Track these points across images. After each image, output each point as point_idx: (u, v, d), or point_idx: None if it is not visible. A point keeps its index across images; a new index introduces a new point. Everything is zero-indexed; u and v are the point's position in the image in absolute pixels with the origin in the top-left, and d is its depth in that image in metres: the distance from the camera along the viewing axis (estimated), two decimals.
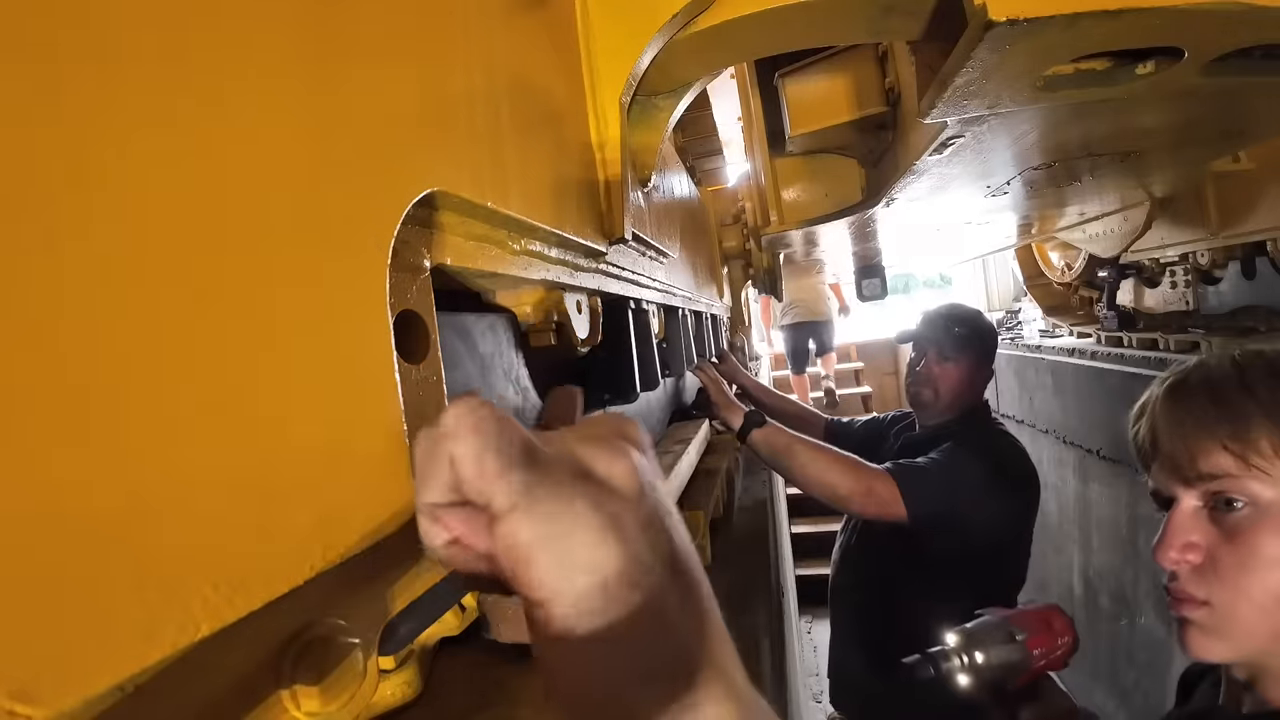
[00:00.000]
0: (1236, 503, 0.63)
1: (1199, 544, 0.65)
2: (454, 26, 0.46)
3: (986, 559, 1.57)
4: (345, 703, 0.30)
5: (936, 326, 1.82)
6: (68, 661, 0.19)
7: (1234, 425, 0.64)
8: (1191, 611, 0.65)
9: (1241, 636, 0.63)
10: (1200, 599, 0.64)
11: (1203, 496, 0.66)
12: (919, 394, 1.84)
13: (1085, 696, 4.53)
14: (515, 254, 0.57)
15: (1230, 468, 0.63)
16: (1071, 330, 4.82)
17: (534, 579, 0.23)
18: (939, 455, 1.56)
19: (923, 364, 1.82)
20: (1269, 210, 2.69)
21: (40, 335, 0.20)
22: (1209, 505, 0.65)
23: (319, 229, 0.31)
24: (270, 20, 0.29)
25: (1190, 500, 0.66)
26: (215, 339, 0.25)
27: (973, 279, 7.33)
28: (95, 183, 0.21)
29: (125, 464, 0.22)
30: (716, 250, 2.73)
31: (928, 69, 0.94)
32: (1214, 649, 0.65)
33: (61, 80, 0.21)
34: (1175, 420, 0.68)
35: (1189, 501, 0.66)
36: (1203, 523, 0.65)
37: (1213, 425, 0.65)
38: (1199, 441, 0.65)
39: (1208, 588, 0.64)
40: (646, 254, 1.06)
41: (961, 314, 1.88)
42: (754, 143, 1.94)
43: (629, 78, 0.75)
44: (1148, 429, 0.73)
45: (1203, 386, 0.68)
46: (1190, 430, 0.66)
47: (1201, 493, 0.66)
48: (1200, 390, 0.68)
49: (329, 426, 0.31)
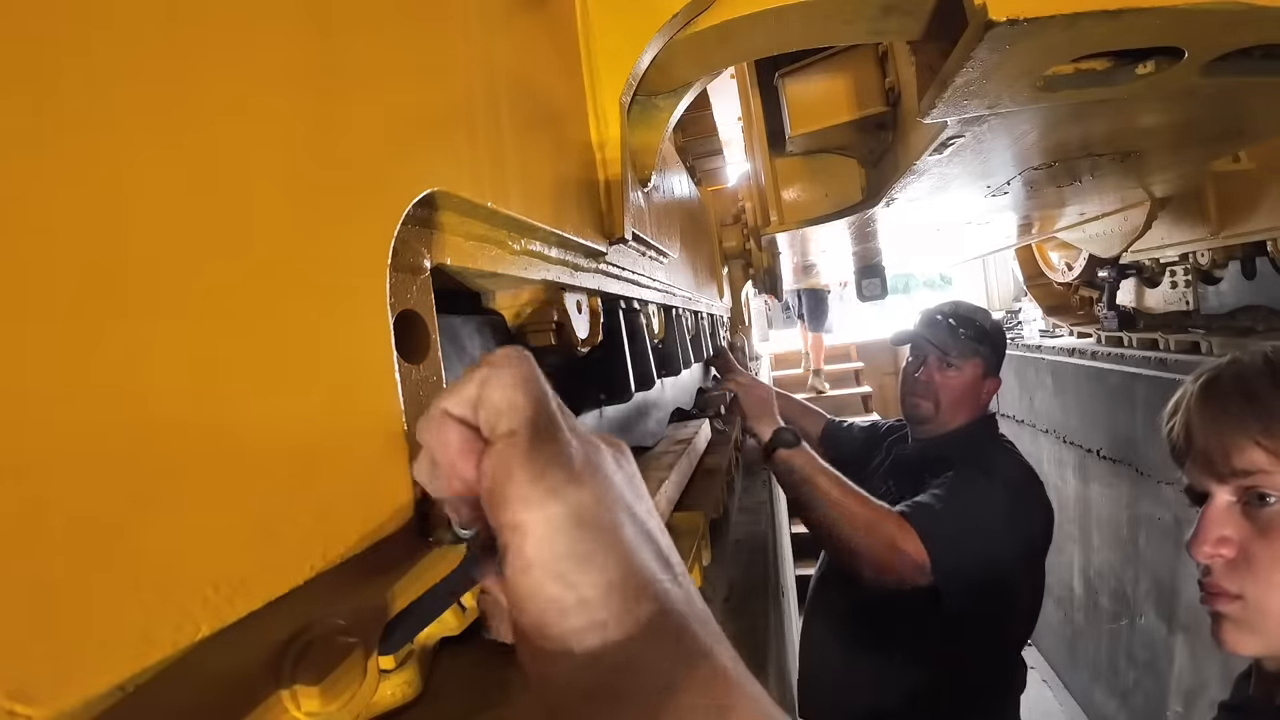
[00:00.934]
0: (1270, 498, 0.64)
1: (1232, 539, 0.66)
2: (454, 27, 0.46)
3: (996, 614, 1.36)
4: (345, 703, 0.30)
5: (939, 328, 1.56)
6: (67, 661, 0.19)
7: (1267, 422, 0.65)
8: (1225, 606, 0.66)
9: (1274, 630, 0.64)
10: (1234, 593, 0.65)
11: (1236, 492, 0.67)
12: (917, 406, 1.57)
13: (1085, 696, 4.54)
14: (515, 254, 0.57)
15: (1264, 464, 0.64)
16: (1072, 330, 4.82)
17: (512, 498, 0.25)
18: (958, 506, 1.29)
19: (922, 371, 1.57)
20: (1269, 210, 2.69)
21: (40, 335, 0.20)
22: (1242, 501, 0.66)
23: (319, 229, 0.31)
24: (270, 21, 0.30)
25: (1224, 496, 0.67)
26: (214, 339, 0.25)
27: (973, 279, 7.33)
28: (95, 184, 0.21)
29: (125, 464, 0.22)
30: (716, 250, 2.73)
31: (928, 69, 0.94)
32: (1247, 643, 0.66)
33: (62, 81, 0.21)
34: (1209, 417, 0.69)
35: (1223, 497, 0.67)
36: (1236, 518, 0.66)
37: (1246, 422, 0.66)
38: (1232, 438, 0.66)
39: (1241, 582, 0.65)
40: (646, 254, 1.06)
41: (967, 313, 1.59)
42: (754, 143, 1.94)
43: (629, 78, 0.75)
44: (1182, 426, 0.73)
45: (1236, 384, 0.69)
46: (1224, 427, 0.67)
47: (1235, 488, 0.67)
48: (1234, 387, 0.69)
49: (329, 426, 0.31)
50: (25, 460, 0.19)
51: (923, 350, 1.58)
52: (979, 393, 1.54)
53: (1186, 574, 3.29)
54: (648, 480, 1.02)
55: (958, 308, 1.62)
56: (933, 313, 1.63)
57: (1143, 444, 3.63)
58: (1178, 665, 3.40)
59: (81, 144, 0.21)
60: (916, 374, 1.58)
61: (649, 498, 0.30)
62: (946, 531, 1.25)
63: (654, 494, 0.95)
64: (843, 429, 2.04)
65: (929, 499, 1.33)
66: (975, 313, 1.61)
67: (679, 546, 1.06)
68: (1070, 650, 4.79)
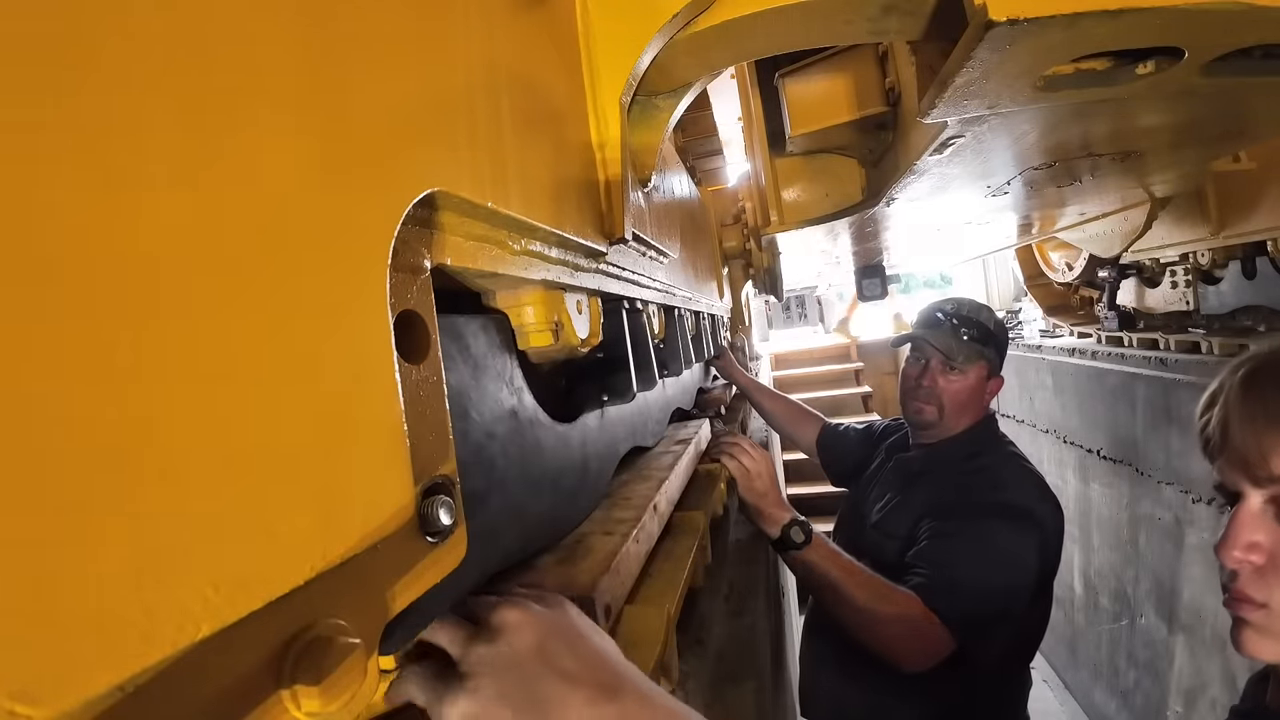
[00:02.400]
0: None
1: (1263, 545, 0.62)
2: (454, 26, 0.46)
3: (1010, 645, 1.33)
4: (346, 703, 0.30)
5: (942, 329, 1.48)
6: (68, 662, 0.19)
7: None
8: (1249, 613, 0.63)
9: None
10: (1259, 601, 0.62)
11: (1271, 497, 0.63)
12: (920, 411, 1.50)
13: (1085, 696, 4.54)
14: (515, 254, 0.57)
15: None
16: (1072, 330, 4.83)
17: None
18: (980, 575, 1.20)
19: (925, 375, 1.49)
20: (1270, 210, 2.69)
21: (40, 335, 0.20)
22: (1277, 505, 0.63)
23: (318, 230, 0.31)
24: (270, 21, 0.30)
25: (1257, 499, 0.63)
26: (214, 339, 0.25)
27: (973, 279, 7.34)
28: (94, 185, 0.21)
29: (125, 464, 0.22)
30: (717, 250, 2.73)
31: (928, 69, 0.94)
32: (1268, 649, 0.63)
33: (63, 82, 0.21)
34: (1248, 414, 0.64)
35: (1255, 500, 0.63)
36: (1269, 523, 0.63)
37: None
38: (1273, 439, 0.62)
39: (1268, 590, 0.62)
40: (646, 254, 1.06)
41: (970, 312, 1.50)
42: (754, 143, 1.94)
43: (629, 78, 0.75)
44: (1219, 420, 0.68)
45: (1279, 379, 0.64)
46: (1263, 426, 0.63)
47: (1270, 494, 0.63)
48: (1276, 383, 0.64)
49: (329, 426, 0.31)
50: (26, 460, 0.19)
51: (925, 353, 1.50)
52: (983, 395, 1.48)
53: (1187, 574, 3.29)
54: (648, 480, 1.02)
55: (960, 306, 1.52)
56: (934, 311, 1.53)
57: (1143, 444, 3.64)
58: (1178, 665, 3.40)
59: (82, 144, 0.21)
60: (919, 378, 1.50)
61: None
62: (970, 609, 1.18)
63: (654, 494, 0.95)
64: (838, 434, 1.96)
65: (947, 564, 1.22)
66: (979, 311, 1.52)
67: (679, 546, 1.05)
68: (1070, 650, 4.79)
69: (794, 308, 12.11)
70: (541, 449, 0.70)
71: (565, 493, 0.77)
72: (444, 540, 0.39)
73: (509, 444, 0.62)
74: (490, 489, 0.57)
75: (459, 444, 0.44)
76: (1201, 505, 3.10)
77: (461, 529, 0.41)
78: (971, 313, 1.50)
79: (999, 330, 1.51)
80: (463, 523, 0.41)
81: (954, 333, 1.46)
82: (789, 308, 12.13)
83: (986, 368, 1.47)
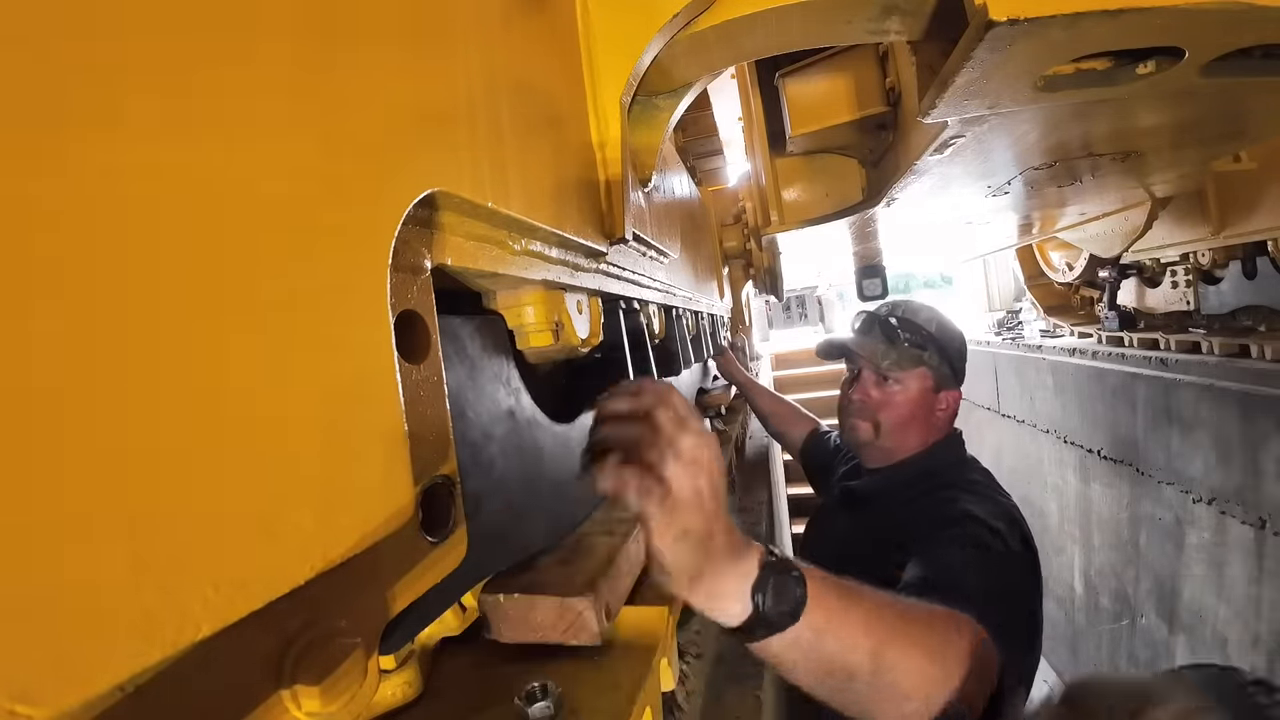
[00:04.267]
0: None
1: None
2: (455, 28, 0.46)
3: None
4: (345, 703, 0.30)
5: (873, 333, 1.26)
6: (68, 662, 0.19)
7: None
8: None
9: None
10: None
11: None
12: (854, 429, 1.27)
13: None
14: (516, 254, 0.57)
15: None
16: (1072, 330, 4.83)
17: None
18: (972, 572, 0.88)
19: (855, 387, 1.27)
20: (1270, 210, 2.70)
21: (41, 336, 0.20)
22: None
23: (319, 230, 0.31)
24: (272, 23, 0.30)
25: None
26: (216, 340, 0.25)
27: (973, 279, 7.33)
28: (98, 185, 0.21)
29: (126, 465, 0.22)
30: (717, 250, 2.73)
31: (928, 69, 0.94)
32: None
33: (63, 83, 0.21)
34: None
35: None
36: None
37: None
38: None
39: None
40: (647, 254, 1.06)
41: (908, 314, 1.27)
42: (754, 143, 1.94)
43: (629, 78, 0.75)
44: None
45: None
46: None
47: None
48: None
49: (329, 426, 0.31)
50: (26, 460, 0.19)
51: (855, 363, 1.29)
52: (931, 410, 1.23)
53: (1187, 574, 3.29)
54: None
55: (896, 308, 1.30)
56: (867, 315, 1.32)
57: (1143, 444, 3.64)
58: (1178, 665, 3.39)
59: (80, 147, 0.21)
60: (851, 391, 1.29)
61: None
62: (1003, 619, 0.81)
63: None
64: (821, 439, 1.79)
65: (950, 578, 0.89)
66: (916, 313, 1.28)
67: None
68: (1070, 650, 4.79)
69: (794, 308, 12.13)
70: (540, 449, 0.70)
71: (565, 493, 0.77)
72: (444, 540, 0.39)
73: (508, 444, 0.62)
74: (489, 489, 0.57)
75: (457, 444, 0.44)
76: (1202, 505, 3.10)
77: (462, 529, 0.41)
78: (908, 314, 1.27)
79: (944, 334, 1.25)
80: (463, 522, 0.41)
81: (884, 338, 1.25)
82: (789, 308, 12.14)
83: (930, 376, 1.22)
